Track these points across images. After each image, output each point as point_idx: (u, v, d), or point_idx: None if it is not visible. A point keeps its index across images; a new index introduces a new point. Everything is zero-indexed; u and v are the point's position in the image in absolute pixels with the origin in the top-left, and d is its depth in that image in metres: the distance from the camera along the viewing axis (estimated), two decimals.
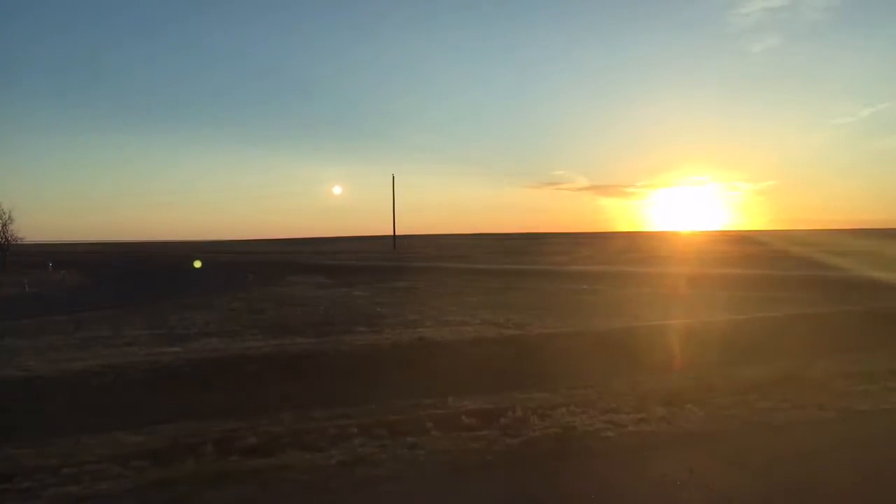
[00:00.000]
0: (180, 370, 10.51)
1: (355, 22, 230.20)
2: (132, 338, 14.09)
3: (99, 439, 7.07)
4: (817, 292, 20.72)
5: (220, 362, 11.04)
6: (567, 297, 21.17)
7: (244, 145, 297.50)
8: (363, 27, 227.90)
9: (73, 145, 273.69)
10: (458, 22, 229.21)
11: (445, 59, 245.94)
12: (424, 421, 7.48)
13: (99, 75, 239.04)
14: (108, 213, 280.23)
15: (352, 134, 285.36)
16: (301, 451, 6.58)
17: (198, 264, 16.46)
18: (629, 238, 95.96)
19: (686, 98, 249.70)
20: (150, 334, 14.59)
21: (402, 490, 5.59)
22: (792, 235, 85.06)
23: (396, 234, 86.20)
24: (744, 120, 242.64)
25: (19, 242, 50.20)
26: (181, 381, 10.07)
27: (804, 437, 6.97)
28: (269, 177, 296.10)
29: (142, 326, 15.88)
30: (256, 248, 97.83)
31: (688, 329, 13.72)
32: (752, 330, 13.72)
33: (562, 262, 45.15)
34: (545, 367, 10.71)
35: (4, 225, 47.30)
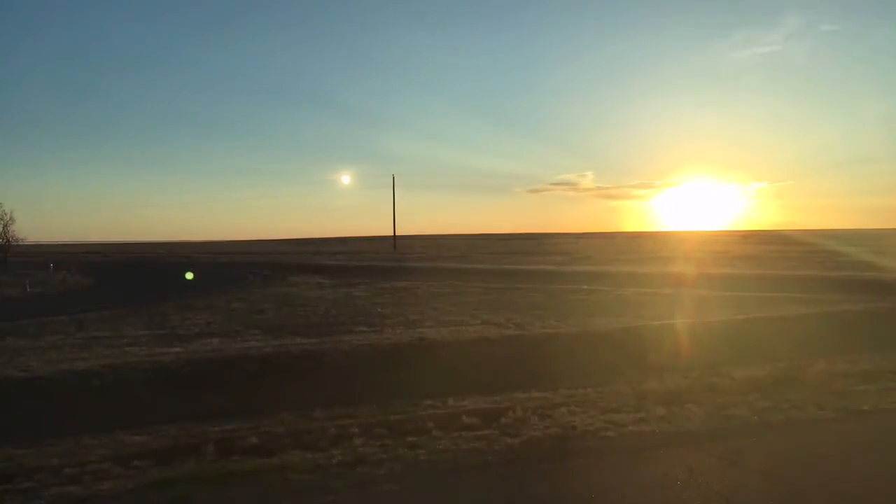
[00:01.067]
0: (181, 370, 10.52)
1: (356, 22, 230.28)
2: (133, 338, 14.10)
3: (100, 439, 7.09)
4: (813, 291, 20.71)
5: (221, 363, 11.05)
6: (568, 298, 21.17)
7: (245, 146, 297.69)
8: (365, 27, 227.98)
9: (74, 145, 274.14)
10: (465, 20, 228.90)
11: (450, 57, 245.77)
12: (425, 421, 7.49)
13: (100, 76, 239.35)
14: (110, 214, 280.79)
15: (354, 134, 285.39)
16: (302, 451, 6.59)
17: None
18: (636, 238, 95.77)
19: (691, 107, 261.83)
20: (151, 335, 14.60)
21: (403, 490, 5.60)
22: (783, 235, 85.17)
23: (397, 234, 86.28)
24: (747, 128, 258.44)
25: (21, 243, 50.24)
26: (182, 382, 10.08)
27: (804, 437, 6.97)
28: (270, 178, 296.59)
29: (143, 327, 15.90)
30: (257, 248, 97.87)
31: (688, 329, 13.72)
32: (752, 330, 13.72)
33: (564, 262, 45.13)
34: (545, 367, 10.72)
35: (6, 226, 47.37)
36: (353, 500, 5.45)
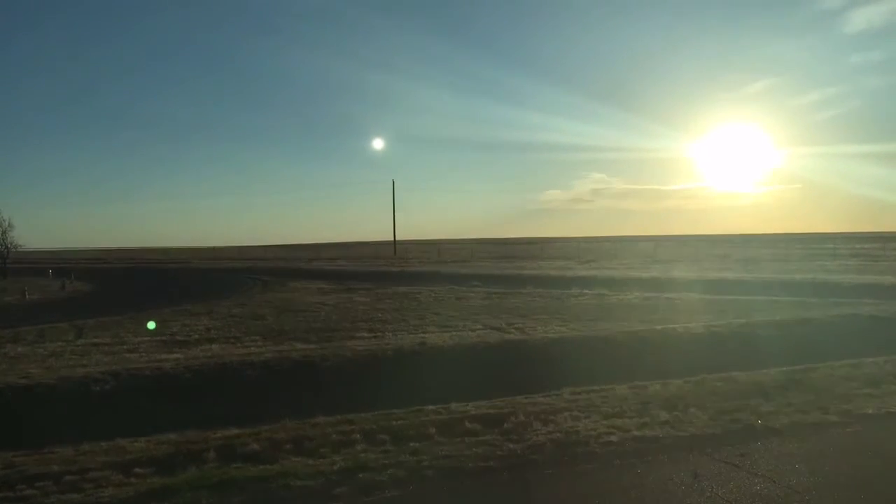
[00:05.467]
0: (181, 377, 10.50)
1: (356, 23, 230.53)
2: (133, 344, 14.08)
3: (101, 446, 7.07)
4: (810, 296, 20.68)
5: (222, 368, 11.02)
6: (570, 302, 21.13)
7: (245, 151, 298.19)
8: (365, 27, 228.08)
9: (74, 150, 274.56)
10: (469, 17, 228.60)
11: (447, 57, 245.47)
12: (427, 426, 7.46)
13: (100, 80, 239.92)
14: (109, 220, 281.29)
15: (355, 136, 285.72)
16: (303, 457, 6.56)
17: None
18: (640, 243, 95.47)
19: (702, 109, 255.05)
20: (151, 341, 14.58)
21: (406, 496, 5.57)
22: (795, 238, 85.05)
23: (397, 239, 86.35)
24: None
25: (19, 249, 50.21)
26: (183, 388, 10.06)
27: (808, 441, 6.94)
28: (270, 183, 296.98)
29: (143, 333, 15.87)
30: (257, 254, 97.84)
31: (691, 333, 13.70)
32: (755, 334, 13.70)
33: (566, 266, 45.09)
34: (547, 371, 10.70)
35: (4, 232, 47.33)
36: None
